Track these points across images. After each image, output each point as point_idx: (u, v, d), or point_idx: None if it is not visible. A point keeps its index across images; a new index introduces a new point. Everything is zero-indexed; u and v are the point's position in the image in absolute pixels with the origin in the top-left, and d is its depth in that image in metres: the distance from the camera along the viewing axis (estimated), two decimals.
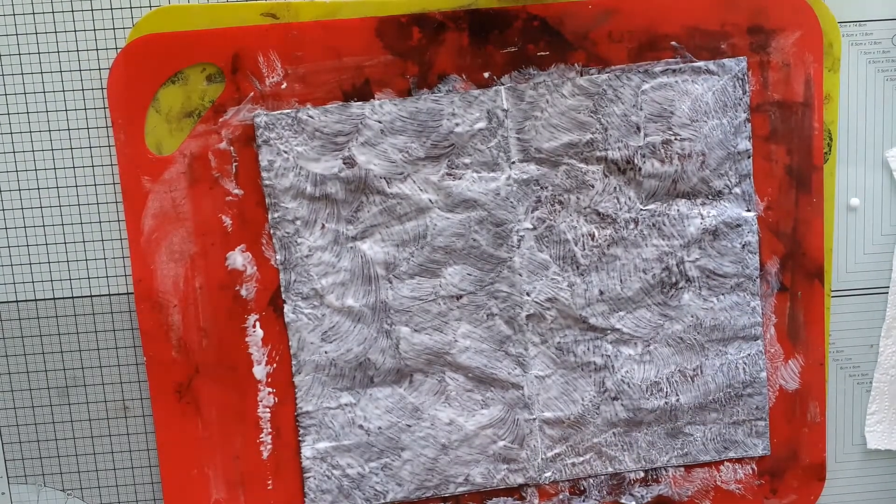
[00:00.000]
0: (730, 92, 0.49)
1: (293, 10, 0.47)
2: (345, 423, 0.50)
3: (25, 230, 0.50)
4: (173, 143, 0.48)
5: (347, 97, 0.48)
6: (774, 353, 0.52)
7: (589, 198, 0.49)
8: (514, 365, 0.50)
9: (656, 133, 0.49)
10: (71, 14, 0.48)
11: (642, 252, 0.50)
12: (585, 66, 0.49)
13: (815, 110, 0.50)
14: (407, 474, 0.51)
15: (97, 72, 0.49)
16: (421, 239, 0.49)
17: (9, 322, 0.51)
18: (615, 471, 0.52)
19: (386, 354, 0.50)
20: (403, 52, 0.48)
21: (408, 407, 0.50)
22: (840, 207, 0.52)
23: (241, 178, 0.48)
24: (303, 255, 0.49)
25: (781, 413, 0.52)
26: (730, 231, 0.50)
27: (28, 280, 0.50)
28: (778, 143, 0.50)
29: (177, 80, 0.48)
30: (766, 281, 0.51)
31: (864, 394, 0.54)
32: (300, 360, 0.50)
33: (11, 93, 0.49)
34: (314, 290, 0.49)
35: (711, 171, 0.49)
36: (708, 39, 0.49)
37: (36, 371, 0.51)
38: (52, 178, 0.50)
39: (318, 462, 0.50)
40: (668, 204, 0.50)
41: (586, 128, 0.49)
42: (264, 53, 0.47)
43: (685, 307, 0.50)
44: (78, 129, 0.49)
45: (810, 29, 0.49)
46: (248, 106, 0.48)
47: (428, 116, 0.48)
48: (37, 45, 0.48)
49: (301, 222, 0.48)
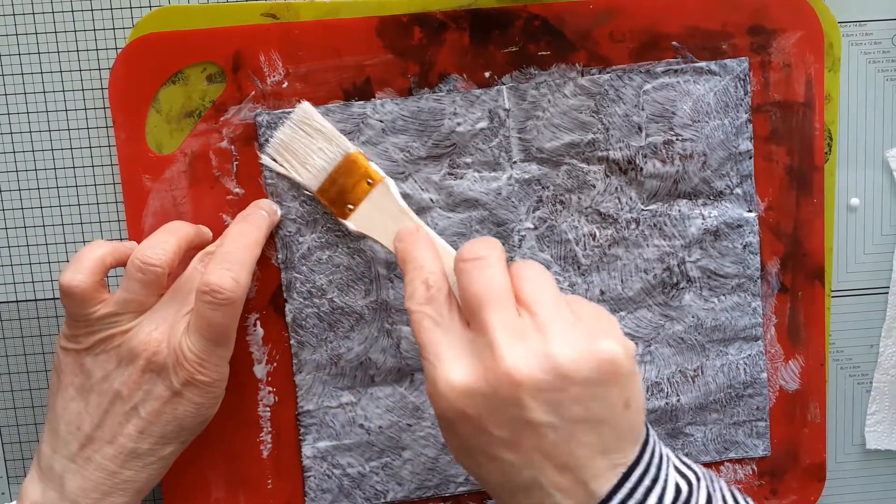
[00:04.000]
0: (731, 92, 0.49)
1: (293, 9, 0.47)
2: (345, 422, 0.50)
3: (25, 230, 0.50)
4: (174, 143, 0.48)
5: (348, 96, 0.48)
6: (775, 353, 0.52)
7: (590, 198, 0.49)
8: None
9: (658, 133, 0.49)
10: (71, 14, 0.48)
11: (643, 252, 0.50)
12: (586, 65, 0.49)
13: (816, 111, 0.50)
14: (407, 474, 0.51)
15: (97, 72, 0.49)
16: None
17: (9, 322, 0.51)
18: None
19: (387, 354, 0.50)
20: (404, 52, 0.48)
21: (408, 406, 0.50)
22: (840, 207, 0.52)
23: (241, 177, 0.48)
24: (304, 254, 0.49)
25: (781, 413, 0.52)
26: (731, 231, 0.50)
27: (28, 280, 0.50)
28: (779, 143, 0.50)
29: (177, 80, 0.48)
30: (766, 281, 0.51)
31: (864, 394, 0.54)
32: (301, 359, 0.50)
33: (11, 93, 0.49)
34: (315, 289, 0.49)
35: (713, 171, 0.49)
36: (709, 39, 0.49)
37: (36, 371, 0.51)
38: (52, 178, 0.49)
39: (319, 461, 0.50)
40: (669, 204, 0.50)
41: (588, 128, 0.49)
42: (265, 52, 0.47)
43: (686, 307, 0.50)
44: (78, 129, 0.49)
45: (811, 29, 0.49)
46: (249, 105, 0.48)
47: (429, 116, 0.48)
48: (37, 45, 0.48)
49: (302, 221, 0.48)
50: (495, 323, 0.36)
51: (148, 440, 0.44)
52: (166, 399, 0.44)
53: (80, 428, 0.44)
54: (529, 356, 0.35)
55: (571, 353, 0.35)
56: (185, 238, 0.46)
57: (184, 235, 0.46)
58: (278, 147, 0.47)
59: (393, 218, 0.46)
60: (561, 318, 0.36)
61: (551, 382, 0.35)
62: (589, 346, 0.35)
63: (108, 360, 0.44)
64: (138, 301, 0.44)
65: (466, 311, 0.38)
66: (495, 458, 0.36)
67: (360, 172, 0.46)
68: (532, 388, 0.35)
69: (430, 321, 0.38)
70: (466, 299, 0.38)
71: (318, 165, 0.47)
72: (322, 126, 0.47)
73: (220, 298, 0.43)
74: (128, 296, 0.44)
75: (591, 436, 0.36)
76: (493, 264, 0.38)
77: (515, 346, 0.35)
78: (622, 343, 0.36)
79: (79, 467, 0.44)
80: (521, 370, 0.35)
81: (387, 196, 0.46)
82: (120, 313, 0.44)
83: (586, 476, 0.36)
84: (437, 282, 0.39)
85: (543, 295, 0.37)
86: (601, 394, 0.35)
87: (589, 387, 0.35)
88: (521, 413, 0.35)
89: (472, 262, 0.38)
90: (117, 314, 0.44)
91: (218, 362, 0.44)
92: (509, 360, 0.35)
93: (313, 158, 0.47)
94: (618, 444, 0.36)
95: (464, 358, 0.36)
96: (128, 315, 0.44)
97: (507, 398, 0.35)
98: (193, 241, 0.46)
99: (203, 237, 0.47)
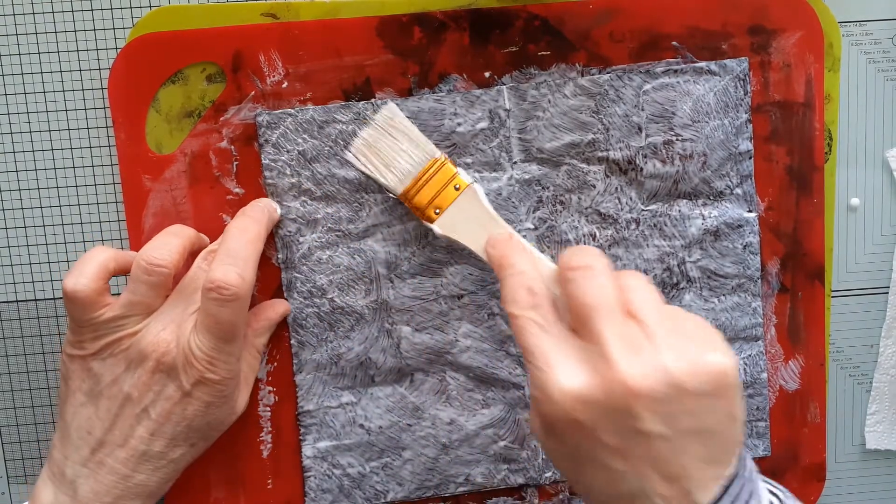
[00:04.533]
0: (731, 93, 0.49)
1: (293, 9, 0.47)
2: (346, 422, 0.50)
3: (25, 230, 0.50)
4: (174, 143, 0.48)
5: (348, 96, 0.48)
6: (775, 353, 0.52)
7: (590, 198, 0.49)
8: (515, 365, 0.50)
9: (658, 133, 0.49)
10: (71, 14, 0.48)
11: (643, 252, 0.50)
12: (586, 66, 0.49)
13: (816, 111, 0.50)
14: (407, 474, 0.51)
15: (97, 72, 0.49)
16: (422, 238, 0.49)
17: (9, 322, 0.51)
18: None
19: (387, 354, 0.50)
20: (404, 52, 0.48)
21: (409, 406, 0.50)
22: (840, 207, 0.52)
23: (241, 177, 0.48)
24: (304, 254, 0.49)
25: (781, 413, 0.52)
26: (731, 232, 0.50)
27: (28, 280, 0.50)
28: (779, 143, 0.50)
29: (177, 80, 0.48)
30: (766, 281, 0.51)
31: (864, 394, 0.54)
32: (301, 359, 0.50)
33: (11, 93, 0.49)
34: (315, 289, 0.49)
35: (713, 171, 0.49)
36: (709, 39, 0.49)
37: (36, 371, 0.51)
38: (52, 178, 0.49)
39: (319, 461, 0.50)
40: (669, 204, 0.50)
41: (588, 128, 0.49)
42: (265, 52, 0.47)
43: (686, 308, 0.50)
44: (78, 129, 0.49)
45: (811, 29, 0.49)
46: (248, 105, 0.48)
47: (430, 116, 0.48)
48: (37, 45, 0.48)
49: (302, 221, 0.48)
50: (608, 332, 0.37)
51: (159, 442, 0.44)
52: (177, 400, 0.44)
53: (90, 432, 0.44)
54: (645, 367, 0.36)
55: (685, 365, 0.36)
56: (189, 240, 0.46)
57: (187, 237, 0.46)
58: (362, 147, 0.47)
59: (481, 223, 0.46)
60: (669, 329, 0.37)
61: (666, 394, 0.35)
62: (701, 359, 0.36)
63: (117, 364, 0.44)
64: (145, 303, 0.44)
65: (575, 319, 0.38)
66: (602, 465, 0.37)
67: (448, 177, 0.46)
68: (647, 399, 0.35)
69: (537, 327, 0.38)
70: (576, 308, 0.38)
71: (404, 168, 0.46)
72: (407, 128, 0.47)
73: (226, 294, 0.43)
74: (134, 298, 0.44)
75: (699, 447, 0.36)
76: (601, 273, 0.38)
77: (630, 357, 0.36)
78: (730, 356, 0.37)
79: (91, 472, 0.44)
80: (638, 381, 0.35)
81: (474, 201, 0.46)
82: (126, 316, 0.44)
83: (691, 486, 0.36)
84: (541, 288, 0.40)
85: (650, 305, 0.38)
86: (711, 406, 0.36)
87: (701, 399, 0.36)
88: (634, 423, 0.36)
89: (581, 270, 0.39)
90: (124, 317, 0.44)
91: (227, 359, 0.44)
92: (625, 371, 0.35)
93: (398, 161, 0.46)
94: (722, 455, 0.37)
95: (576, 365, 0.37)
96: (134, 317, 0.44)
97: (620, 407, 0.35)
98: (196, 245, 0.47)
99: (203, 242, 0.47)
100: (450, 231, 0.46)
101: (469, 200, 0.46)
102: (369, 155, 0.47)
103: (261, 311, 0.48)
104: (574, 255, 0.40)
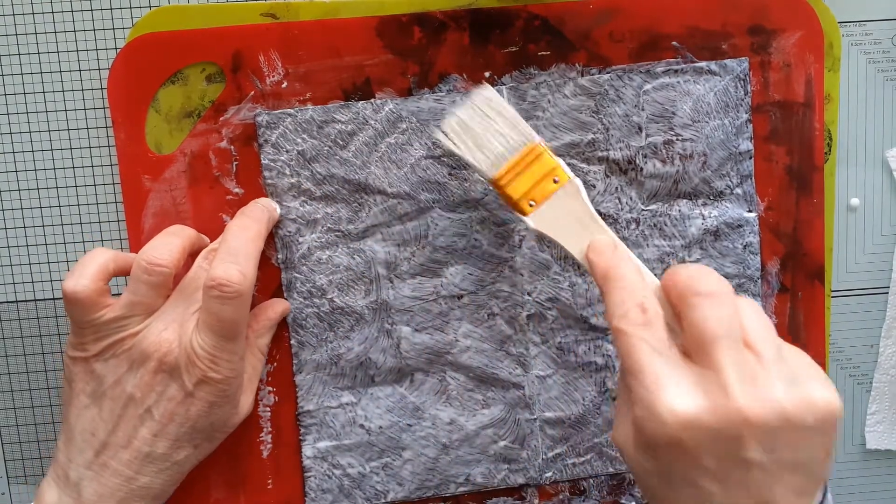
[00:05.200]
0: (731, 93, 0.49)
1: (293, 9, 0.47)
2: (346, 422, 0.50)
3: (25, 230, 0.50)
4: (173, 143, 0.48)
5: (348, 96, 0.48)
6: None
7: (590, 198, 0.49)
8: (515, 365, 0.50)
9: (658, 133, 0.49)
10: (71, 14, 0.48)
11: (644, 252, 0.50)
12: (586, 66, 0.49)
13: (816, 111, 0.50)
14: (408, 474, 0.51)
15: (97, 72, 0.49)
16: (422, 238, 0.49)
17: (9, 322, 0.51)
18: (615, 471, 0.52)
19: (387, 354, 0.50)
20: (404, 52, 0.48)
21: (409, 406, 0.50)
22: (840, 207, 0.52)
23: (241, 177, 0.48)
24: (304, 254, 0.49)
25: None
26: (731, 232, 0.50)
27: (28, 280, 0.50)
28: (778, 143, 0.50)
29: (176, 80, 0.48)
30: (766, 281, 0.51)
31: (864, 394, 0.54)
32: (301, 359, 0.50)
33: (11, 93, 0.49)
34: (315, 289, 0.49)
35: (713, 171, 0.49)
36: (709, 39, 0.49)
37: (36, 371, 0.51)
38: (52, 178, 0.49)
39: (319, 461, 0.50)
40: (669, 204, 0.50)
41: (588, 128, 0.49)
42: (265, 52, 0.47)
43: None
44: (78, 129, 0.49)
45: (811, 29, 0.49)
46: (248, 105, 0.48)
47: (429, 116, 0.48)
48: (37, 45, 0.48)
49: (302, 221, 0.48)
50: (727, 362, 0.37)
51: (162, 443, 0.44)
52: (180, 400, 0.44)
53: (94, 434, 0.44)
54: (759, 398, 0.36)
55: (797, 399, 0.36)
56: (189, 240, 0.46)
57: (187, 237, 0.46)
58: (455, 125, 0.44)
59: (581, 223, 0.43)
60: (784, 362, 0.38)
61: (776, 426, 0.36)
62: (812, 395, 0.37)
63: (119, 364, 0.44)
64: (146, 303, 0.44)
65: (692, 343, 0.38)
66: (696, 486, 0.37)
67: (547, 168, 0.43)
68: (757, 430, 0.36)
69: (649, 347, 0.38)
70: (697, 335, 0.38)
71: (497, 151, 0.44)
72: (505, 110, 0.44)
73: (227, 292, 0.43)
74: (134, 298, 0.44)
75: (793, 478, 0.37)
76: (727, 303, 0.38)
77: (745, 387, 0.36)
78: (836, 394, 0.37)
79: (95, 474, 0.44)
80: (753, 411, 0.36)
81: (576, 199, 0.43)
82: (127, 316, 0.44)
83: None
84: (655, 307, 0.39)
85: (767, 336, 0.38)
86: (812, 441, 0.37)
87: (805, 433, 0.36)
88: (739, 450, 0.36)
89: (708, 297, 0.38)
90: (125, 317, 0.44)
91: (229, 358, 0.44)
92: (742, 401, 0.36)
93: (492, 142, 0.44)
94: (812, 488, 0.38)
95: (690, 389, 0.37)
96: (136, 318, 0.44)
97: (730, 435, 0.36)
98: (196, 245, 0.47)
99: (203, 242, 0.47)
100: (545, 227, 0.43)
101: (570, 196, 0.43)
102: (462, 134, 0.44)
103: (261, 312, 0.48)
104: (699, 280, 0.39)
